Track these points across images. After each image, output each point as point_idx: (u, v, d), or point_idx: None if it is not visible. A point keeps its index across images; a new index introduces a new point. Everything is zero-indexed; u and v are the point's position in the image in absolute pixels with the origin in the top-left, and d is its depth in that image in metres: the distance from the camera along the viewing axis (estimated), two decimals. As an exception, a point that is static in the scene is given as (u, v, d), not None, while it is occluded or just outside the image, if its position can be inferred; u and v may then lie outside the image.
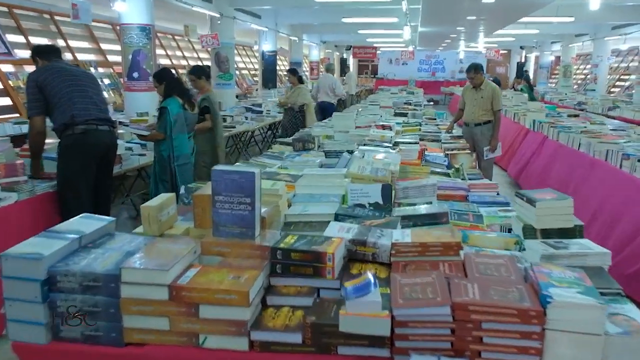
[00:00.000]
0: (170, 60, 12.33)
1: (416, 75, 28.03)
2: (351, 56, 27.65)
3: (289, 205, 2.22)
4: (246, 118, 8.07)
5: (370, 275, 1.35)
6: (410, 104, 9.86)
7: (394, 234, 1.71)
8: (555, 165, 5.52)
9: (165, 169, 4.05)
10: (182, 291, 1.37)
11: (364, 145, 3.73)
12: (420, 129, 5.46)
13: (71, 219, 1.71)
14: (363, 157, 3.12)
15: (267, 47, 12.83)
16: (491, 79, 24.47)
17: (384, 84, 26.66)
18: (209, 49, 10.43)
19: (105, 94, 8.22)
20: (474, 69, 5.72)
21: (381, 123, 4.89)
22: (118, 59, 9.15)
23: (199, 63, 13.30)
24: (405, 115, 7.46)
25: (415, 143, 4.25)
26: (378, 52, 27.35)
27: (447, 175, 3.44)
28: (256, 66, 18.15)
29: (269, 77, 13.23)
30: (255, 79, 17.33)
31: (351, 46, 23.95)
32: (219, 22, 9.61)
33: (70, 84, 3.32)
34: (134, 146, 4.68)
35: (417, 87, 19.65)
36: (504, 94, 14.18)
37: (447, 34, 12.74)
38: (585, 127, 6.31)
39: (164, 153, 4.04)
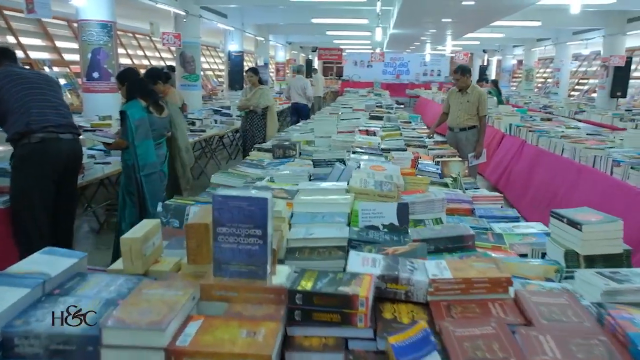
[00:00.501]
0: (132, 60, 11.77)
1: (381, 78, 28.09)
2: (316, 58, 27.48)
3: (289, 227, 1.93)
4: (215, 121, 7.68)
5: (424, 328, 1.08)
6: (381, 106, 9.73)
7: (427, 267, 1.44)
8: (539, 172, 5.41)
9: (131, 179, 3.67)
10: (184, 356, 1.06)
11: (353, 153, 3.47)
12: (401, 134, 5.26)
13: (30, 257, 1.37)
14: (359, 167, 2.85)
15: (233, 47, 12.42)
16: (453, 81, 24.79)
17: (349, 86, 26.60)
18: (174, 49, 9.99)
19: (61, 95, 7.67)
20: (461, 70, 5.56)
21: (364, 128, 4.64)
22: (75, 57, 8.59)
23: (162, 63, 12.77)
24: (380, 118, 7.27)
25: (403, 150, 4.03)
26: (343, 54, 27.28)
27: (445, 185, 3.22)
28: (221, 67, 17.69)
29: (236, 78, 12.83)
30: (220, 79, 16.86)
31: (317, 47, 23.74)
32: (184, 20, 9.18)
33: (26, 90, 2.93)
34: (97, 153, 4.26)
35: (382, 90, 19.73)
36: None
37: (417, 36, 12.68)
38: (562, 131, 6.27)
39: (128, 162, 3.66)
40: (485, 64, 24.80)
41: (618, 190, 3.85)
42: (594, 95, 16.27)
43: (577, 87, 17.64)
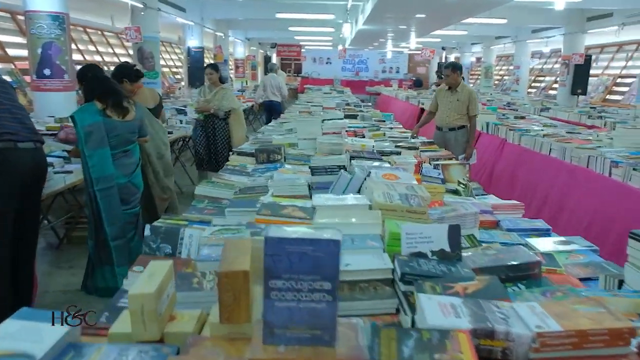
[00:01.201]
0: (83, 55, 11.01)
1: (340, 75, 27.99)
2: (274, 54, 27.01)
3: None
4: (180, 122, 7.20)
5: None
6: (349, 104, 9.48)
7: (522, 315, 1.15)
8: (524, 172, 5.27)
9: (88, 193, 3.23)
10: None
11: (352, 158, 3.16)
12: (384, 134, 5.01)
13: (1, 327, 0.98)
14: (369, 175, 2.54)
15: (193, 42, 11.85)
16: (413, 78, 24.79)
17: (309, 83, 26.33)
18: (129, 44, 9.38)
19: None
20: (452, 67, 5.35)
21: (352, 129, 4.34)
22: (20, 52, 7.89)
23: (116, 60, 12.04)
24: (355, 117, 7.02)
25: (397, 153, 3.75)
26: (302, 50, 26.94)
27: (455, 193, 2.97)
28: (178, 64, 16.99)
29: (196, 75, 12.25)
30: (178, 77, 16.18)
31: (276, 44, 23.30)
32: (142, 12, 8.60)
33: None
34: (56, 161, 3.76)
35: (343, 87, 19.52)
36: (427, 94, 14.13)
37: (384, 33, 12.51)
38: (542, 130, 6.19)
39: (84, 173, 3.22)
40: (443, 61, 25.03)
41: (620, 193, 3.71)
42: (551, 92, 16.67)
43: (534, 84, 18.01)
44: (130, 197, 3.39)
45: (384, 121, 7.02)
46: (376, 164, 2.96)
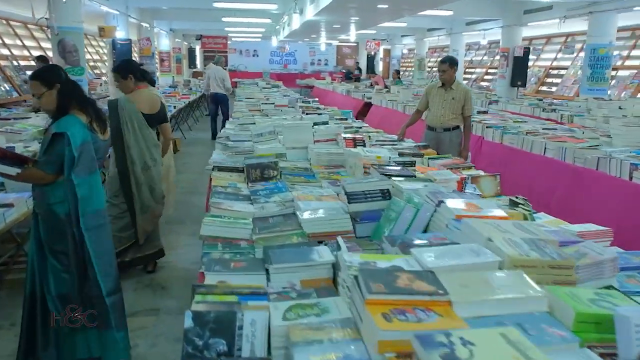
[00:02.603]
0: (10, 50, 9.56)
1: (268, 67, 27.22)
2: (198, 47, 25.65)
3: None
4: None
5: None
6: (306, 102, 8.90)
7: None
8: (512, 174, 4.96)
9: (62, 236, 2.43)
10: None
11: (386, 176, 2.60)
12: (370, 137, 4.49)
13: None
14: (438, 205, 2.00)
15: (119, 34, 10.65)
16: (344, 71, 24.52)
17: (237, 76, 25.32)
18: (43, 36, 8.13)
19: None
20: (450, 61, 4.90)
21: (350, 135, 3.78)
22: None
23: (26, 53, 10.57)
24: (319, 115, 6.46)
25: (410, 164, 3.25)
26: (229, 42, 25.79)
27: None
28: (95, 57, 15.47)
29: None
30: (96, 72, 14.71)
31: (201, 35, 22.04)
32: (64, 0, 7.45)
33: None
34: (-14, 190, 2.87)
35: (272, 80, 18.82)
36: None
37: (330, 24, 11.95)
38: (519, 126, 5.97)
39: (56, 208, 2.42)
40: (373, 54, 25.00)
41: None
42: (483, 83, 17.02)
43: (465, 75, 18.33)
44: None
45: (346, 119, 6.55)
46: (420, 184, 2.42)
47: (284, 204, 2.58)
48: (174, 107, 8.62)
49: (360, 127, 5.31)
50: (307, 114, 6.65)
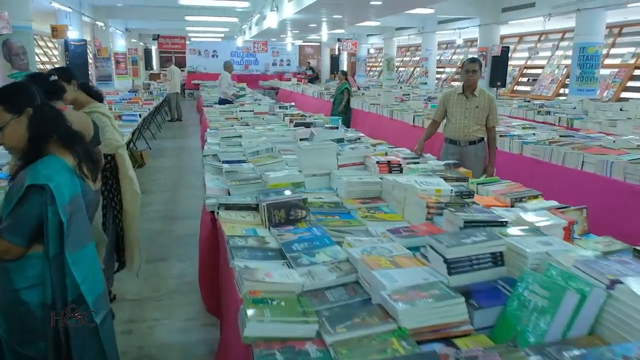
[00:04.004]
0: None
1: (229, 68, 26.17)
2: (154, 47, 24.37)
3: None
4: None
5: None
6: (292, 109, 8.16)
7: None
8: (551, 193, 4.41)
9: (33, 337, 1.64)
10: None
11: (470, 224, 1.94)
12: (386, 154, 3.82)
13: None
14: (612, 288, 1.36)
15: (72, 34, 9.57)
16: (308, 72, 23.67)
17: (197, 77, 24.19)
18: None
19: None
20: (479, 63, 4.30)
21: (383, 159, 3.10)
22: None
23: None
24: (308, 126, 5.78)
25: (468, 194, 2.60)
26: (187, 42, 24.62)
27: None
28: (44, 59, 14.16)
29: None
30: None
31: (158, 35, 20.82)
32: (8, -5, 6.44)
33: None
34: None
35: (235, 82, 17.92)
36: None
37: (305, 23, 11.20)
38: (533, 134, 5.47)
39: (26, 296, 1.63)
40: (337, 53, 24.41)
41: None
42: (454, 83, 16.71)
43: (436, 75, 18.01)
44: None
45: (337, 128, 5.90)
46: (533, 240, 1.77)
47: (339, 267, 1.91)
48: (140, 115, 7.68)
49: (359, 139, 4.65)
50: (295, 123, 5.94)
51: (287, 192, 2.61)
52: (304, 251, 2.05)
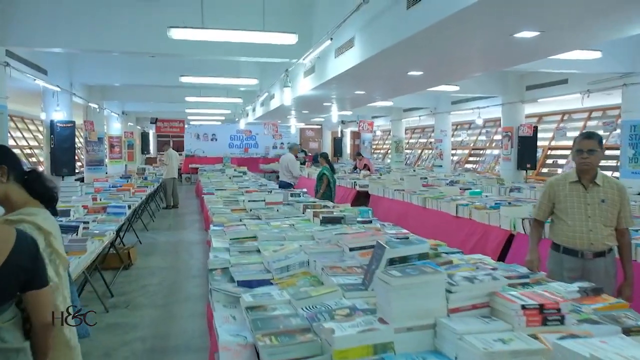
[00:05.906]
0: None
1: (228, 152, 25.50)
2: (152, 131, 23.75)
3: None
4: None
5: None
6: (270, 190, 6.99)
7: None
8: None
9: None
10: None
11: None
12: (477, 267, 2.51)
13: None
14: None
15: (59, 115, 8.57)
16: (310, 154, 22.80)
17: (195, 162, 23.37)
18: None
19: None
20: (598, 138, 3.07)
21: (532, 302, 1.81)
22: None
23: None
24: (338, 221, 4.60)
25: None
26: (186, 126, 24.04)
27: None
28: (32, 143, 13.19)
29: (62, 159, 8.84)
30: (33, 159, 12.39)
31: (157, 119, 20.15)
32: (-23, 67, 5.42)
33: None
34: None
35: (235, 165, 16.97)
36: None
37: (319, 102, 10.31)
38: None
39: None
40: (339, 135, 23.84)
41: None
42: (467, 165, 15.77)
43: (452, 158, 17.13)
44: None
45: (370, 221, 4.75)
46: None
47: None
48: (129, 206, 6.44)
49: (407, 237, 3.39)
50: (324, 220, 4.70)
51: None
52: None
